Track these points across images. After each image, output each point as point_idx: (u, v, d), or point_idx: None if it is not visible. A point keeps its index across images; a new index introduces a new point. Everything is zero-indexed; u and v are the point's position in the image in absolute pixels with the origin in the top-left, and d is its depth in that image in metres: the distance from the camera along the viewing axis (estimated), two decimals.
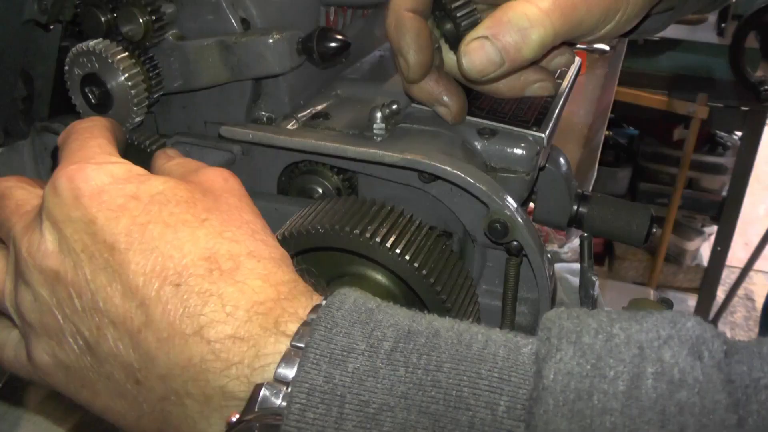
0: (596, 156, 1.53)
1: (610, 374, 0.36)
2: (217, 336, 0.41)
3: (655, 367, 0.36)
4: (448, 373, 0.38)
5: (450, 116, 0.62)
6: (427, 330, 0.40)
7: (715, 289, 2.99)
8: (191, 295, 0.41)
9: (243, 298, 0.42)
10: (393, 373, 0.38)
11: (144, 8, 0.62)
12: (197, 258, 0.43)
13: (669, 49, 2.59)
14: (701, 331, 0.37)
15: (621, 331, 0.38)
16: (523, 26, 0.52)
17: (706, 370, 0.35)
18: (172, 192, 0.46)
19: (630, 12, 0.56)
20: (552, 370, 0.36)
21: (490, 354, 0.38)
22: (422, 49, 0.57)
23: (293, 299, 0.42)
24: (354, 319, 0.40)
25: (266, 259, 0.44)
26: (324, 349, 0.39)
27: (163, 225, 0.43)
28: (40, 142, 0.77)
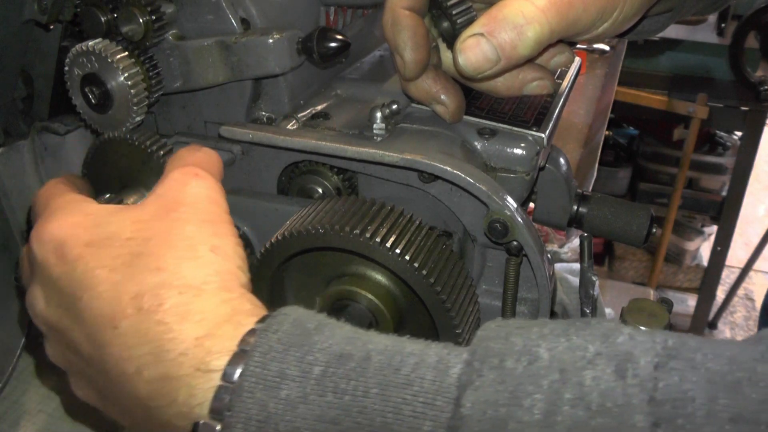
0: (596, 156, 1.53)
1: (526, 402, 0.36)
2: (152, 377, 0.43)
3: (573, 393, 0.36)
4: (374, 399, 0.38)
5: (448, 115, 0.62)
6: (359, 354, 0.40)
7: (715, 289, 2.99)
8: (127, 338, 0.44)
9: (168, 340, 0.43)
10: (322, 399, 0.39)
11: (144, 8, 0.62)
12: (129, 298, 0.45)
13: (669, 49, 2.59)
14: (631, 347, 0.37)
15: (546, 351, 0.38)
16: (518, 23, 0.52)
17: (627, 390, 0.35)
18: (119, 231, 0.48)
19: (627, 11, 0.56)
20: (470, 398, 0.37)
21: (417, 378, 0.39)
22: (418, 47, 0.57)
23: (220, 333, 0.43)
24: (290, 343, 0.41)
25: (192, 291, 0.45)
26: (258, 377, 0.40)
27: (107, 270, 0.46)
28: (40, 142, 0.77)
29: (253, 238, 0.66)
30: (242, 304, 0.45)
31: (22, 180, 0.75)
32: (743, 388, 0.34)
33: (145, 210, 0.50)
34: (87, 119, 0.66)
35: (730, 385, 0.34)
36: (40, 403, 0.80)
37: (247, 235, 0.66)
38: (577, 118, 1.68)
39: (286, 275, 0.62)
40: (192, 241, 0.47)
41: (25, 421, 0.78)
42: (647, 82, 2.60)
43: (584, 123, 1.66)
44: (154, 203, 0.50)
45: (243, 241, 0.64)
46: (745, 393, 0.34)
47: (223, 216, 0.51)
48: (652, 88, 2.60)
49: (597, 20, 0.55)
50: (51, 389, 0.81)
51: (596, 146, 1.55)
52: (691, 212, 3.25)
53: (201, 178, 0.52)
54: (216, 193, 0.52)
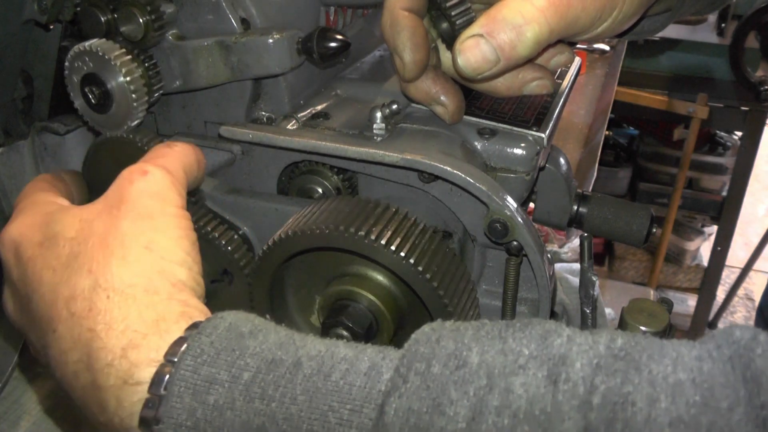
0: (596, 156, 1.53)
1: (450, 410, 0.35)
2: (85, 383, 0.43)
3: (500, 400, 0.34)
4: (300, 406, 0.38)
5: (447, 115, 0.62)
6: (289, 359, 0.40)
7: (715, 289, 2.99)
8: (62, 342, 0.44)
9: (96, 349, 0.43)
10: (249, 405, 0.38)
11: (144, 8, 0.62)
12: (64, 301, 0.45)
13: (669, 49, 2.59)
14: (567, 350, 0.36)
15: (477, 355, 0.37)
16: (517, 23, 0.52)
17: (558, 397, 0.34)
18: (64, 230, 0.48)
19: (626, 10, 0.56)
20: (393, 405, 0.36)
21: (346, 384, 0.38)
22: (418, 48, 0.57)
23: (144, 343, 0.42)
24: (222, 347, 0.41)
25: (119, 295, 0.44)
26: (188, 381, 0.39)
27: (51, 270, 0.47)
28: (40, 142, 0.77)
29: (253, 238, 0.66)
30: (170, 307, 0.44)
31: (22, 180, 0.75)
32: (685, 390, 0.33)
33: (92, 209, 0.50)
34: (87, 119, 0.66)
35: (671, 387, 0.33)
36: (40, 403, 0.80)
37: (247, 235, 0.66)
38: (577, 118, 1.68)
39: (286, 275, 0.62)
40: (125, 239, 0.47)
41: (25, 421, 0.78)
42: (647, 82, 2.60)
43: (584, 123, 1.66)
44: (101, 202, 0.50)
45: (243, 241, 0.64)
46: (687, 395, 0.33)
47: (166, 209, 0.50)
48: (652, 88, 2.60)
49: (596, 20, 0.55)
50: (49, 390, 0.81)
51: (596, 146, 1.55)
52: (691, 212, 3.25)
53: (149, 174, 0.51)
54: (164, 187, 0.51)
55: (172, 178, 0.52)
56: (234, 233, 0.63)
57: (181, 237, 0.49)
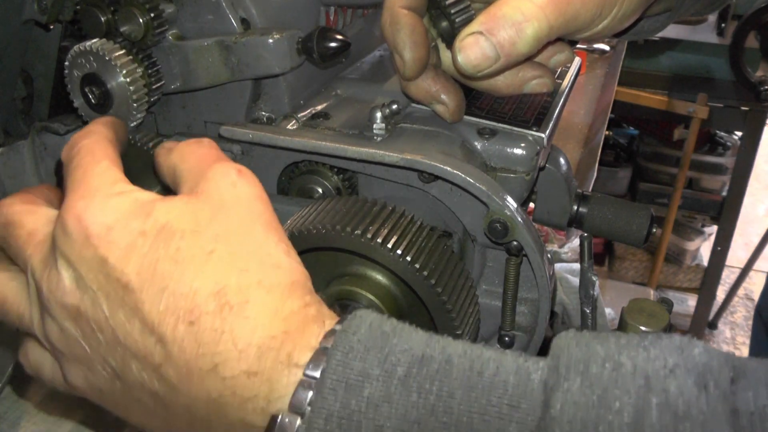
0: (596, 156, 1.53)
1: (615, 405, 0.36)
2: (232, 373, 0.41)
3: (660, 399, 0.36)
4: (459, 400, 0.38)
5: (447, 114, 0.62)
6: (440, 356, 0.40)
7: (715, 289, 2.99)
8: (204, 333, 0.42)
9: (254, 334, 0.42)
10: (406, 399, 0.39)
11: (144, 8, 0.62)
12: (207, 294, 0.43)
13: (669, 49, 2.59)
14: (708, 359, 0.38)
15: (628, 359, 0.38)
16: (517, 20, 0.52)
17: (710, 401, 0.35)
18: (177, 223, 0.45)
19: (626, 8, 0.56)
20: (559, 400, 0.37)
21: (500, 381, 0.39)
22: (417, 46, 0.57)
23: (304, 329, 0.42)
24: (369, 344, 0.41)
25: (276, 287, 0.44)
26: (340, 375, 0.39)
27: (172, 262, 0.43)
28: (40, 142, 0.77)
29: None
30: (323, 307, 0.45)
31: (22, 180, 0.75)
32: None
33: (200, 204, 0.46)
34: (87, 119, 0.66)
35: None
36: (39, 403, 0.80)
37: None
38: (577, 118, 1.68)
39: None
40: (265, 246, 0.46)
41: (25, 421, 0.78)
42: (647, 82, 2.60)
43: (584, 123, 1.66)
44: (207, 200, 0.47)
45: None
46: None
47: (276, 218, 0.49)
48: (652, 88, 2.60)
49: (596, 17, 0.55)
50: None
51: (596, 146, 1.55)
52: (691, 212, 3.25)
53: (245, 175, 0.49)
54: (262, 190, 0.49)
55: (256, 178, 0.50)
56: None
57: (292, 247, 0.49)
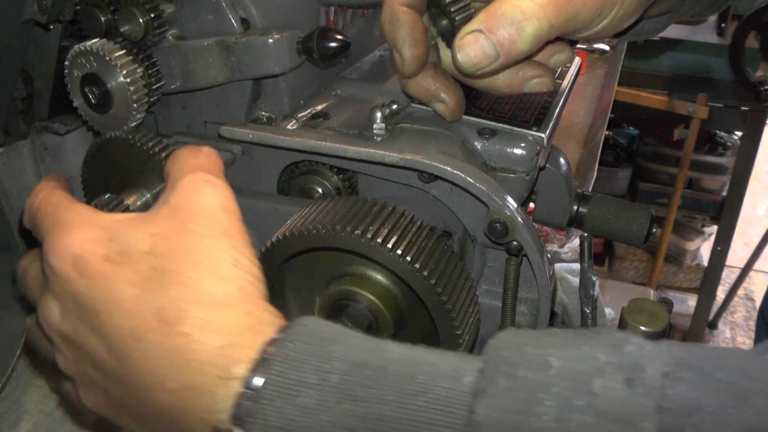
0: (596, 156, 1.53)
1: (539, 409, 0.36)
2: (175, 386, 0.44)
3: (584, 400, 0.36)
4: (390, 406, 0.39)
5: (447, 113, 0.62)
6: (375, 362, 0.41)
7: (715, 289, 2.99)
8: (149, 350, 0.45)
9: (192, 349, 0.44)
10: (339, 406, 0.39)
11: (144, 8, 0.62)
12: (152, 312, 0.45)
13: (669, 49, 2.59)
14: (639, 356, 0.38)
15: (558, 360, 0.39)
16: (517, 19, 0.52)
17: (636, 399, 0.36)
18: (136, 244, 0.48)
19: (626, 8, 0.56)
20: (484, 405, 0.37)
21: (432, 386, 0.39)
22: (417, 43, 0.57)
23: (243, 341, 0.44)
24: (307, 352, 0.42)
25: (214, 301, 0.45)
26: (278, 385, 0.40)
27: (127, 284, 0.46)
28: (40, 142, 0.77)
29: (253, 238, 0.66)
30: (263, 315, 0.46)
31: (22, 180, 0.75)
32: (752, 399, 0.34)
33: (160, 222, 0.49)
34: (87, 119, 0.66)
35: (738, 395, 0.35)
36: (40, 403, 0.80)
37: None
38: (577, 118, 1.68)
39: (286, 275, 0.62)
40: (213, 256, 0.47)
41: (25, 421, 0.78)
42: (647, 82, 2.60)
43: (584, 123, 1.66)
44: (169, 214, 0.50)
45: None
46: (753, 403, 0.34)
47: (239, 227, 0.51)
48: (652, 88, 2.60)
49: (596, 17, 0.55)
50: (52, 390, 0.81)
51: (596, 146, 1.55)
52: (691, 212, 3.25)
53: (213, 185, 0.51)
54: (229, 200, 0.51)
55: (228, 187, 0.53)
56: None
57: (253, 255, 0.50)
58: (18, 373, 0.82)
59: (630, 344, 0.39)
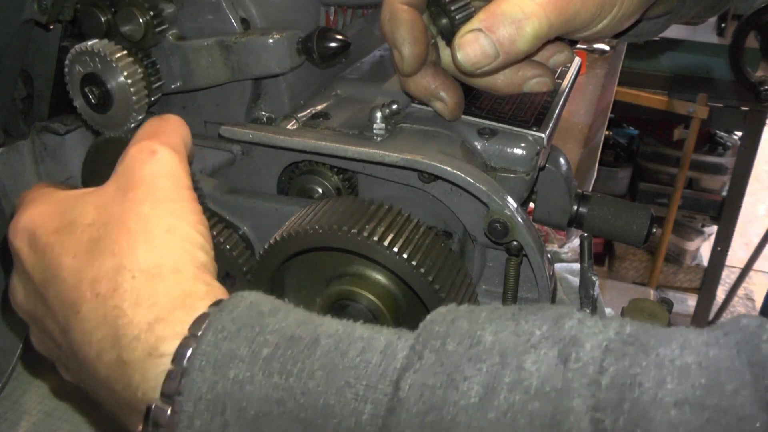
0: (596, 156, 1.53)
1: (464, 387, 0.36)
2: (109, 361, 0.44)
3: (512, 377, 0.35)
4: (318, 381, 0.38)
5: (447, 111, 0.62)
6: (308, 337, 0.41)
7: (715, 289, 2.99)
8: (87, 322, 0.45)
9: (122, 325, 0.44)
10: (268, 380, 0.39)
11: (144, 8, 0.62)
12: (87, 284, 0.46)
13: (669, 49, 2.59)
14: (578, 331, 0.37)
15: (491, 335, 0.38)
16: (517, 18, 0.52)
17: (568, 375, 0.35)
18: (81, 216, 0.49)
19: (626, 8, 0.56)
20: (408, 381, 0.37)
21: (363, 362, 0.39)
22: (417, 42, 0.57)
23: (170, 318, 0.43)
24: (242, 323, 0.42)
25: (145, 275, 0.45)
26: (209, 356, 0.40)
27: (71, 256, 0.47)
28: (40, 142, 0.77)
29: (253, 238, 0.66)
30: (195, 285, 0.45)
31: (22, 180, 0.75)
32: (691, 372, 0.34)
33: (105, 193, 0.50)
34: (87, 119, 0.66)
35: (678, 370, 0.34)
36: (40, 403, 0.80)
37: (247, 235, 0.66)
38: (577, 118, 1.68)
39: (286, 275, 0.62)
40: (147, 222, 0.47)
41: (25, 421, 0.78)
42: (647, 82, 2.60)
43: (584, 123, 1.66)
44: (113, 185, 0.50)
45: (243, 241, 0.64)
46: (693, 377, 0.33)
47: (181, 192, 0.50)
48: (652, 88, 2.60)
49: (596, 17, 0.55)
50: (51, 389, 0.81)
51: (596, 146, 1.55)
52: (691, 212, 3.25)
53: (158, 153, 0.51)
54: (174, 167, 0.51)
55: (179, 156, 0.52)
56: (235, 235, 0.63)
57: (197, 222, 0.50)
58: (18, 373, 0.82)
59: (570, 319, 0.38)
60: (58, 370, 0.54)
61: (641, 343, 0.36)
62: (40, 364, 0.84)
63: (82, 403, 0.80)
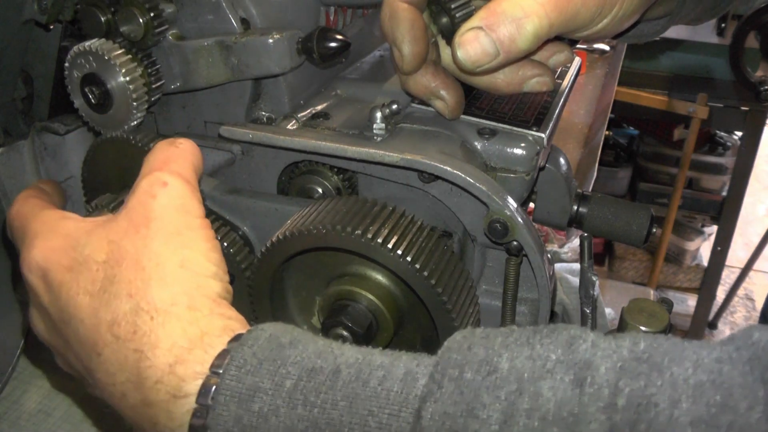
0: (596, 156, 1.53)
1: (483, 414, 0.36)
2: (134, 402, 0.45)
3: (529, 404, 0.36)
4: (341, 411, 0.39)
5: (447, 110, 0.62)
6: (329, 367, 0.42)
7: (715, 289, 2.99)
8: (109, 364, 0.46)
9: (143, 368, 0.44)
10: (292, 411, 0.40)
11: (144, 8, 0.62)
12: (107, 326, 0.46)
13: (669, 49, 2.59)
14: (592, 354, 0.37)
15: (507, 361, 0.38)
16: (517, 16, 0.52)
17: (584, 399, 0.35)
18: (94, 253, 0.49)
19: (626, 8, 0.56)
20: (429, 410, 0.37)
21: (384, 390, 0.40)
22: (417, 40, 0.57)
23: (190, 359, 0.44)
24: (264, 357, 0.42)
25: (162, 314, 0.45)
26: (234, 390, 0.41)
27: (87, 296, 0.47)
28: (40, 142, 0.77)
29: (253, 238, 0.66)
30: (212, 322, 0.46)
31: (22, 180, 0.75)
32: (706, 391, 0.34)
33: (118, 227, 0.50)
34: (87, 119, 0.66)
35: (692, 388, 0.34)
36: (40, 403, 0.80)
37: (247, 235, 0.66)
38: (577, 118, 1.68)
39: (286, 275, 0.62)
40: (159, 258, 0.47)
41: (25, 421, 0.78)
42: (647, 82, 2.60)
43: (584, 123, 1.66)
44: (125, 219, 0.50)
45: (243, 241, 0.64)
46: (707, 395, 0.34)
47: (192, 222, 0.50)
48: (652, 88, 2.60)
49: (596, 16, 0.55)
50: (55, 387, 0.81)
51: (596, 146, 1.55)
52: (691, 212, 3.25)
53: (169, 185, 0.51)
54: (186, 198, 0.51)
55: (190, 186, 0.52)
56: (235, 235, 0.63)
57: (210, 249, 0.50)
58: (18, 373, 0.82)
59: (584, 342, 0.38)
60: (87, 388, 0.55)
61: (655, 362, 0.36)
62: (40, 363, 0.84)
63: (82, 403, 0.80)
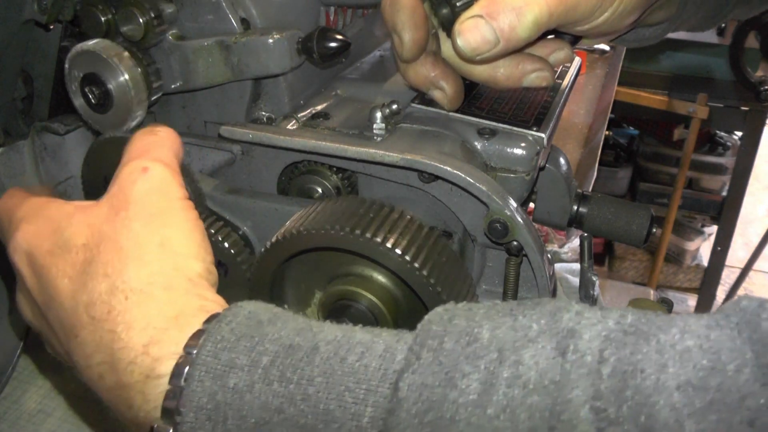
0: (596, 156, 1.53)
1: (462, 384, 0.36)
2: (110, 384, 0.45)
3: (510, 372, 0.35)
4: (318, 387, 0.39)
5: (446, 101, 0.62)
6: (308, 344, 0.41)
7: (715, 289, 2.99)
8: (87, 346, 0.45)
9: (117, 350, 0.44)
10: (268, 387, 0.39)
11: (144, 8, 0.62)
12: (83, 307, 0.46)
13: (669, 49, 2.59)
14: (575, 323, 0.37)
15: (488, 331, 0.38)
16: (517, 5, 0.52)
17: (566, 367, 0.35)
18: (75, 237, 0.49)
19: (626, 4, 0.56)
20: (407, 381, 0.37)
21: (362, 366, 0.39)
22: (417, 27, 0.57)
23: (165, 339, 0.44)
24: (242, 333, 0.42)
25: (137, 294, 0.45)
26: (209, 366, 0.41)
27: (66, 278, 0.47)
28: (40, 142, 0.77)
29: (253, 238, 0.66)
30: (188, 301, 0.46)
31: (22, 180, 0.75)
32: (693, 355, 0.34)
33: (99, 212, 0.50)
34: (87, 119, 0.66)
35: (680, 353, 0.34)
36: (40, 403, 0.80)
37: (247, 235, 0.66)
38: (577, 118, 1.68)
39: (286, 275, 0.61)
40: (139, 239, 0.47)
41: (25, 421, 0.78)
42: (647, 82, 2.60)
43: (584, 123, 1.66)
44: (106, 204, 0.50)
45: (243, 241, 0.64)
46: (694, 359, 0.33)
47: (173, 204, 0.50)
48: (652, 88, 2.60)
49: (596, 8, 0.55)
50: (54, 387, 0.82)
51: (596, 146, 1.55)
52: (691, 212, 3.25)
53: (149, 170, 0.51)
54: (167, 182, 0.51)
55: (171, 170, 0.52)
56: (227, 228, 0.63)
57: (192, 229, 0.49)
58: (18, 373, 0.82)
59: (568, 312, 0.38)
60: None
61: (642, 332, 0.36)
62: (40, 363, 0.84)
63: (82, 403, 0.80)
